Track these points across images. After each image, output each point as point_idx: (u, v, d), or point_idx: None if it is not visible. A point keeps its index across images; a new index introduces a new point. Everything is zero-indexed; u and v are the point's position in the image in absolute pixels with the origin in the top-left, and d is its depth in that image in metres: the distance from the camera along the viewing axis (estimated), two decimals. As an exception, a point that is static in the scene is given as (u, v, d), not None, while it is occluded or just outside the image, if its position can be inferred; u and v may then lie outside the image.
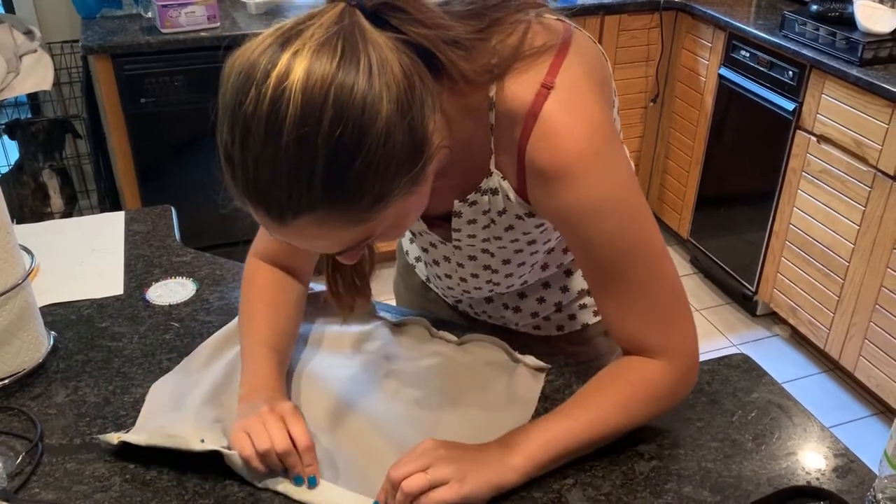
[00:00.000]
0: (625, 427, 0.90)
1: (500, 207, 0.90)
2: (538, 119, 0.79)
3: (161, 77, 2.46)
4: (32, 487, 0.86)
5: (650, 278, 0.87)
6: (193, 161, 2.63)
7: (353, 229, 0.72)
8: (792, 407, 0.98)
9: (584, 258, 0.88)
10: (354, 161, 0.67)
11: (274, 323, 1.00)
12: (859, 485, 0.87)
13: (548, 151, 0.80)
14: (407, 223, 0.81)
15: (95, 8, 2.63)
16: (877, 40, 2.25)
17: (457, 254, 1.03)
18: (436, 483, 0.80)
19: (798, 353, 2.74)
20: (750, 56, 2.63)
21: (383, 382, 1.01)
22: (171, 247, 1.32)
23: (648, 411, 0.90)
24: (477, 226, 0.94)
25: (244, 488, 0.86)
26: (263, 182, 0.68)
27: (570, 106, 0.80)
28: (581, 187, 0.80)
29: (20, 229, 1.32)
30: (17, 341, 1.00)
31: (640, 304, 0.87)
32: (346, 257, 0.82)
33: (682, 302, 0.90)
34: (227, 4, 2.76)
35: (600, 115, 0.81)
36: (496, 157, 0.86)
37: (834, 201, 2.39)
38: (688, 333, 0.91)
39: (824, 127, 2.38)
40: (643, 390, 0.89)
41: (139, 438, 0.87)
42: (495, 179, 0.88)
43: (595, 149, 0.80)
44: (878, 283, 2.27)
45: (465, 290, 1.11)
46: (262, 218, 0.72)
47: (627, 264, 0.85)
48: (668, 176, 3.20)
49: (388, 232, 0.78)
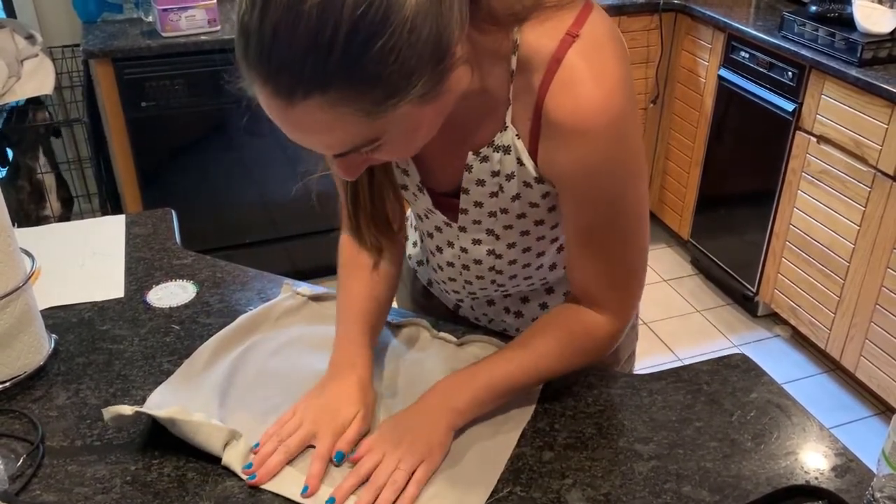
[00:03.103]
0: (558, 374, 0.97)
1: (510, 171, 0.89)
2: (560, 66, 0.79)
3: (162, 81, 2.47)
4: (34, 489, 0.86)
5: (630, 240, 0.91)
6: (194, 164, 2.64)
7: (361, 124, 0.70)
8: (791, 406, 0.98)
9: (575, 214, 0.89)
10: (375, 41, 0.64)
11: (370, 289, 1.03)
12: (858, 484, 0.87)
13: (568, 101, 0.79)
14: (416, 140, 0.78)
15: (96, 12, 2.63)
16: (876, 41, 2.25)
17: (461, 237, 1.01)
18: (408, 469, 0.86)
19: (799, 354, 2.74)
20: (749, 57, 2.63)
21: (383, 382, 1.01)
22: (171, 250, 1.32)
23: (581, 362, 0.97)
24: (485, 190, 0.92)
25: (244, 489, 0.86)
26: (279, 51, 0.65)
27: (594, 57, 0.79)
28: (597, 143, 0.80)
29: (21, 232, 1.33)
30: (18, 344, 1.00)
31: (612, 262, 0.91)
32: (346, 166, 0.79)
33: (644, 267, 0.95)
34: (228, 8, 2.77)
35: (622, 72, 0.80)
36: (513, 109, 0.85)
37: (834, 202, 2.39)
38: (637, 298, 0.97)
39: (824, 127, 2.38)
40: (582, 342, 0.95)
41: (158, 413, 0.88)
42: (509, 135, 0.87)
43: (616, 106, 0.79)
44: (878, 283, 2.27)
45: (468, 282, 1.09)
46: (270, 99, 0.69)
47: (615, 225, 0.89)
48: (669, 177, 3.20)
49: (395, 143, 0.75)
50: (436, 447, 0.88)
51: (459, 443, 0.92)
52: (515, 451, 0.91)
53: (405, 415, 0.92)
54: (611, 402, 0.99)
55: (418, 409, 0.92)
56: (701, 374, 1.03)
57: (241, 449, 0.89)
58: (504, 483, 0.87)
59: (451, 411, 0.91)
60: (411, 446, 0.87)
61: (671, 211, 3.22)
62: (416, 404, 0.93)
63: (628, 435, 0.94)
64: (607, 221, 0.88)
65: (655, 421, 0.96)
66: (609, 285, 0.93)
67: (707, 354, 0.93)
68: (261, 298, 1.19)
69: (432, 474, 0.87)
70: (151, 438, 0.92)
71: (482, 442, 0.92)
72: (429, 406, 0.92)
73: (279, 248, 2.86)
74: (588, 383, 1.02)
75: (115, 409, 0.89)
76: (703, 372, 1.04)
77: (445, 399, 0.92)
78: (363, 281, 1.04)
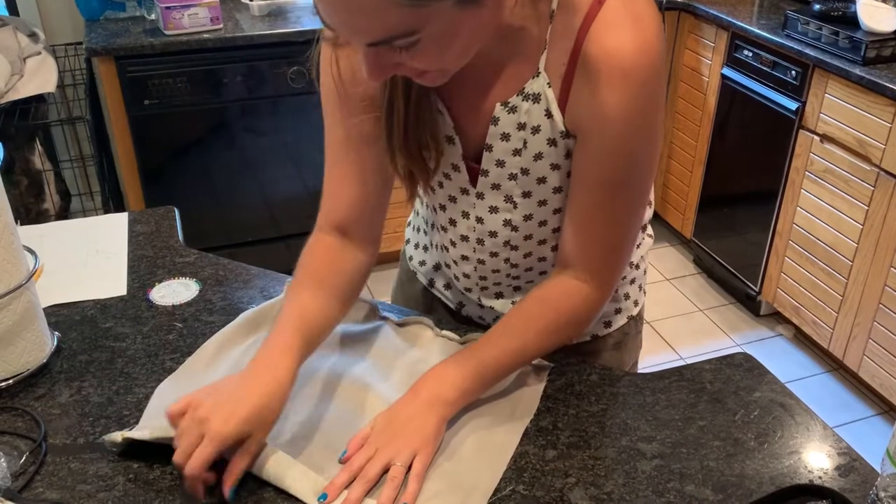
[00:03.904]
0: (546, 351, 0.99)
1: (536, 123, 0.89)
2: (603, 7, 0.80)
3: (164, 79, 2.47)
4: (36, 487, 0.86)
5: (633, 209, 0.93)
6: (197, 162, 2.64)
7: (403, 9, 0.69)
8: (794, 406, 0.98)
9: (589, 171, 0.89)
10: None
11: (315, 301, 0.96)
12: (862, 483, 0.87)
13: (610, 40, 0.80)
14: (451, 50, 0.77)
15: (99, 10, 2.63)
16: (880, 39, 2.25)
17: (478, 206, 1.00)
18: (403, 463, 0.86)
19: (802, 353, 2.73)
20: (753, 56, 2.62)
21: (386, 381, 1.01)
22: (174, 248, 1.32)
23: (567, 337, 1.00)
24: (508, 146, 0.92)
25: (246, 487, 0.86)
26: None
27: (635, 5, 0.81)
28: (631, 88, 0.81)
29: (24, 230, 1.33)
30: (21, 342, 1.00)
31: (611, 226, 0.93)
32: (375, 61, 0.77)
33: (634, 242, 0.97)
34: (230, 6, 2.77)
35: (659, 24, 0.82)
36: (548, 53, 0.86)
37: (837, 201, 2.38)
38: (622, 269, 0.98)
39: (827, 126, 2.37)
40: (568, 318, 0.97)
41: (143, 434, 0.88)
42: (541, 82, 0.87)
43: (654, 53, 0.81)
44: (881, 282, 2.27)
45: (481, 262, 1.06)
46: None
47: (625, 187, 0.90)
48: (671, 176, 3.20)
49: (430, 46, 0.74)
50: (429, 440, 0.88)
51: (461, 441, 0.92)
52: (518, 449, 0.91)
53: (396, 408, 0.92)
54: (614, 401, 0.99)
55: (409, 402, 0.92)
56: (704, 373, 1.03)
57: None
58: (507, 482, 0.87)
59: (442, 403, 0.91)
60: (403, 441, 0.87)
61: (674, 210, 3.21)
62: (407, 397, 0.93)
63: (631, 434, 0.93)
64: (621, 178, 0.89)
65: (658, 420, 0.95)
66: (603, 249, 0.94)
67: (710, 353, 0.93)
68: (263, 296, 1.19)
69: (428, 468, 0.87)
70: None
71: (485, 440, 0.92)
72: (419, 398, 0.92)
73: (282, 246, 2.86)
74: (591, 382, 1.02)
75: (110, 438, 0.89)
76: (706, 371, 1.04)
77: (435, 390, 0.92)
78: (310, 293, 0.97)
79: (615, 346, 1.16)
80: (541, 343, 0.97)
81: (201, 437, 0.81)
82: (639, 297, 1.17)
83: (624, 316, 1.15)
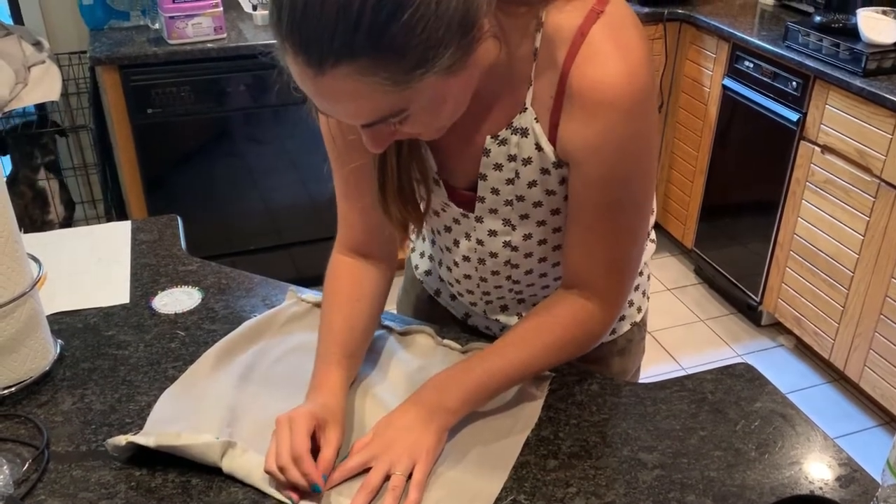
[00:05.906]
0: (550, 367, 1.00)
1: (526, 155, 0.90)
2: (586, 39, 0.80)
3: (168, 88, 2.48)
4: (38, 494, 0.87)
5: (634, 228, 0.92)
6: (199, 171, 2.64)
7: (389, 94, 0.71)
8: (795, 416, 0.98)
9: (585, 195, 0.89)
10: (404, 11, 0.66)
11: (349, 319, 1.02)
12: (862, 494, 0.87)
13: (594, 71, 0.80)
14: (442, 113, 0.79)
15: (103, 19, 2.65)
16: (880, 51, 2.26)
17: (478, 229, 1.01)
18: (403, 472, 0.86)
19: (802, 364, 2.73)
20: (753, 67, 2.63)
21: (387, 388, 1.02)
22: (176, 256, 1.33)
23: (573, 354, 0.99)
24: (501, 175, 0.92)
25: (248, 496, 0.86)
26: (309, 21, 0.67)
27: (619, 33, 0.81)
28: (619, 116, 0.81)
29: (28, 238, 1.33)
30: (24, 349, 1.01)
31: (613, 247, 0.92)
32: (374, 137, 0.79)
33: (639, 259, 0.97)
34: (234, 16, 2.78)
35: (645, 50, 0.82)
36: (534, 89, 0.86)
37: (838, 211, 2.39)
38: (629, 288, 0.98)
39: (828, 137, 2.38)
40: (574, 335, 0.96)
41: (148, 441, 0.88)
42: (528, 117, 0.87)
43: (640, 80, 0.81)
44: (882, 293, 2.27)
45: (483, 279, 1.08)
46: (301, 67, 0.71)
47: (622, 209, 0.90)
48: (672, 186, 3.20)
49: (422, 115, 0.77)
50: (429, 448, 0.88)
51: (463, 451, 0.92)
52: (519, 459, 0.91)
53: (397, 415, 0.92)
54: (615, 411, 0.99)
55: (410, 408, 0.92)
56: (705, 384, 1.03)
57: (239, 454, 0.88)
58: (508, 491, 0.87)
59: (444, 411, 0.91)
60: (403, 448, 0.87)
61: (675, 220, 3.22)
62: (408, 404, 0.93)
63: (632, 444, 0.94)
64: (612, 204, 0.89)
65: (659, 430, 0.96)
66: (605, 271, 0.94)
67: (711, 364, 0.93)
68: (266, 305, 1.20)
69: (429, 477, 0.87)
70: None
71: (486, 450, 0.92)
72: (421, 406, 0.92)
73: (284, 254, 2.87)
74: (592, 392, 1.02)
75: (112, 442, 0.90)
76: (707, 381, 1.04)
77: (438, 398, 0.92)
78: (343, 312, 1.03)
79: (619, 352, 1.16)
80: (547, 357, 0.97)
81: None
82: (642, 302, 1.17)
83: (628, 322, 1.15)
